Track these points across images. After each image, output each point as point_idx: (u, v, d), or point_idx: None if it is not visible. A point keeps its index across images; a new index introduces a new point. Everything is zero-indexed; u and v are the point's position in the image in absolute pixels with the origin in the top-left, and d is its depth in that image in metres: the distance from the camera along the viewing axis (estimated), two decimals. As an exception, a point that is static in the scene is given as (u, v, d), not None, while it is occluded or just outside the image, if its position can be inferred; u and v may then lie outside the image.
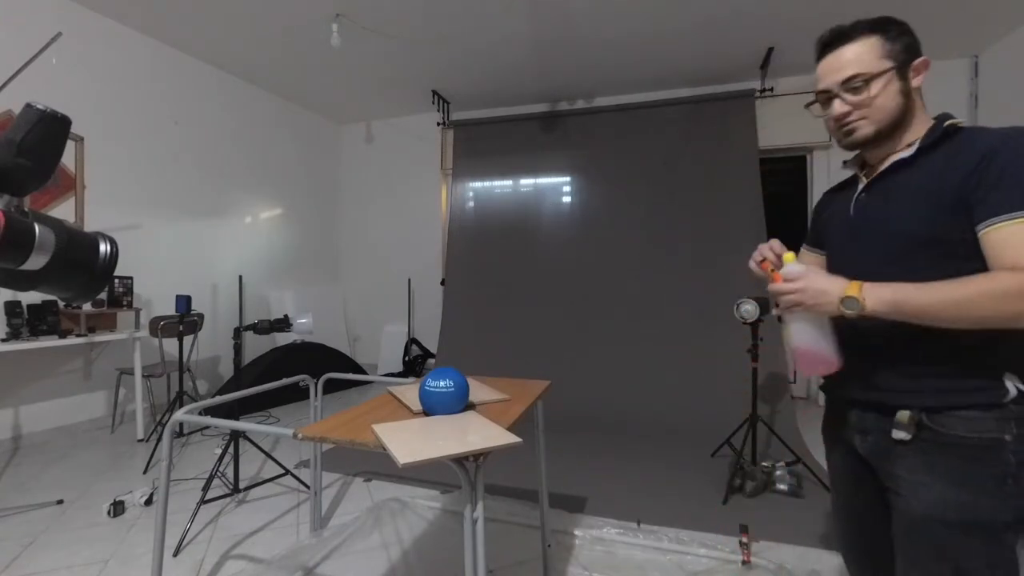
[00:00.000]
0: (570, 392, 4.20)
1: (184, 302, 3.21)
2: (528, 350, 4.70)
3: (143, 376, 3.47)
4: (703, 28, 3.85)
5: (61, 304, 3.21)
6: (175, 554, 2.02)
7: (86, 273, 0.60)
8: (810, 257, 1.18)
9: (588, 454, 3.23)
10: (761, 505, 2.47)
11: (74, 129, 0.56)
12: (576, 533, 2.18)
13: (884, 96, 0.90)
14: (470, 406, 1.36)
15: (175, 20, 3.79)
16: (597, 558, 2.01)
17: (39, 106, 0.53)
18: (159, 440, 3.19)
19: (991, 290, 0.76)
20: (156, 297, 4.02)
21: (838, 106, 0.94)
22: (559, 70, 4.61)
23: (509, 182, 5.32)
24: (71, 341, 3.18)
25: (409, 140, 5.91)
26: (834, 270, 0.99)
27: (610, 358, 4.47)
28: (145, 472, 2.87)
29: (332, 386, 2.40)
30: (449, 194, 5.66)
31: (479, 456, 1.05)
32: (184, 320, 3.21)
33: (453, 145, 5.54)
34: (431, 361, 5.52)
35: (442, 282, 5.48)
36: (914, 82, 0.91)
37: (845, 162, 1.07)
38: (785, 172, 4.76)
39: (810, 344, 0.93)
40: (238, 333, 2.46)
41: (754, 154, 4.48)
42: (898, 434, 0.90)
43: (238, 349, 2.48)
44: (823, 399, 1.15)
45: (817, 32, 0.98)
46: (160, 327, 3.33)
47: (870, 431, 0.97)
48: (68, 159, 3.49)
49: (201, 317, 3.63)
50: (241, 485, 2.48)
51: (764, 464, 2.67)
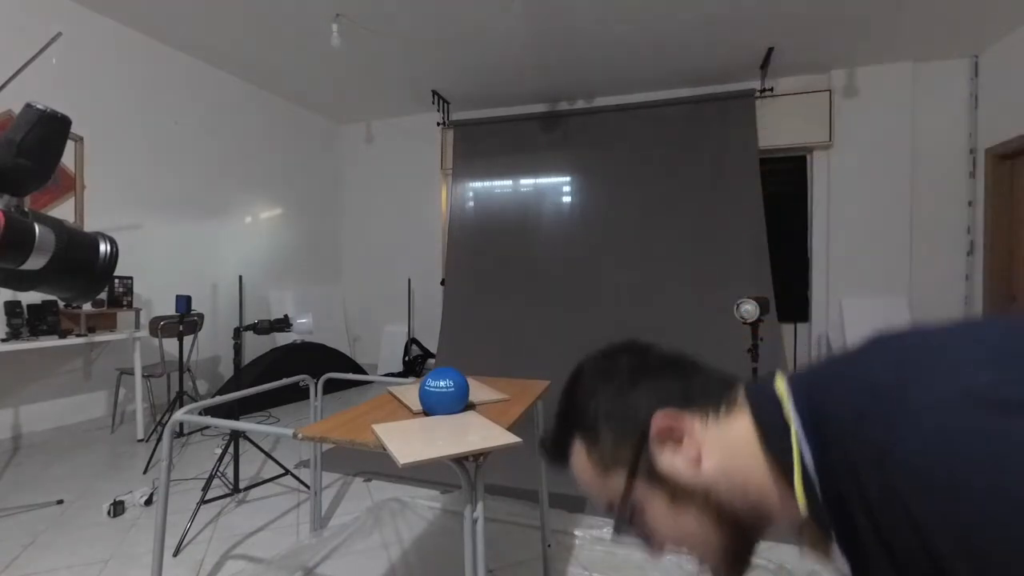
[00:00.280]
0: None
1: (184, 302, 3.21)
2: (528, 350, 4.71)
3: (143, 376, 3.47)
4: (703, 28, 3.85)
5: (61, 304, 3.21)
6: (175, 554, 2.02)
7: (86, 273, 0.59)
8: None
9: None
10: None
11: (74, 129, 0.56)
12: (576, 533, 2.18)
13: (666, 524, 0.57)
14: (470, 406, 1.37)
15: (175, 20, 3.80)
16: (597, 558, 2.01)
17: (39, 106, 0.53)
18: (159, 440, 3.19)
19: None
20: (156, 297, 4.02)
21: (654, 550, 0.59)
22: (559, 70, 4.61)
23: (509, 182, 5.32)
24: (71, 341, 3.18)
25: (409, 140, 5.91)
26: None
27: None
28: (145, 472, 2.87)
29: (332, 386, 2.39)
30: (449, 194, 5.66)
31: (479, 456, 1.05)
32: (184, 320, 3.21)
33: (453, 145, 5.54)
34: (431, 361, 5.52)
35: (442, 282, 5.48)
36: (682, 459, 0.51)
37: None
38: (785, 172, 4.76)
39: None
40: (238, 333, 2.46)
41: (754, 154, 4.48)
42: None
43: (238, 349, 2.48)
44: None
45: (817, 32, 0.87)
46: (160, 327, 3.33)
47: None
48: (68, 159, 3.49)
49: (201, 317, 3.63)
50: (241, 485, 2.48)
51: (764, 464, 2.67)
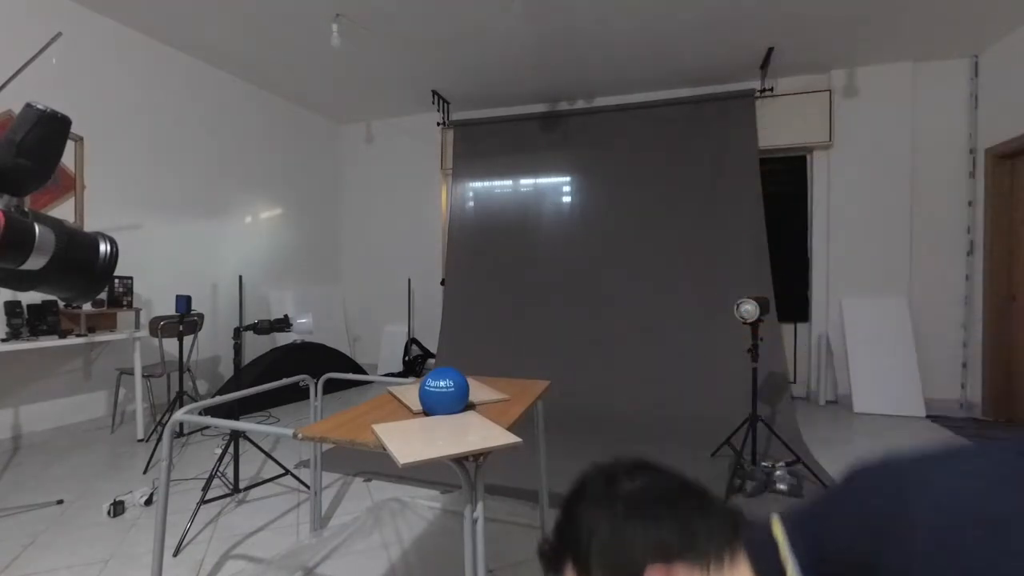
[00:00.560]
0: (570, 392, 4.20)
1: (184, 302, 3.21)
2: (528, 350, 4.71)
3: (143, 376, 3.47)
4: (703, 28, 3.85)
5: (61, 304, 3.21)
6: (175, 554, 2.02)
7: (86, 273, 0.59)
8: None
9: (588, 454, 3.22)
10: (761, 505, 2.47)
11: (74, 129, 0.56)
12: (576, 533, 2.18)
13: None
14: (470, 406, 1.36)
15: (175, 20, 3.79)
16: (597, 558, 2.01)
17: (39, 106, 0.53)
18: (159, 440, 3.19)
19: None
20: (156, 297, 4.02)
21: None
22: (559, 70, 4.61)
23: (509, 182, 5.32)
24: (71, 341, 3.18)
25: (409, 140, 5.91)
26: None
27: (610, 358, 4.47)
28: (145, 472, 2.87)
29: (332, 386, 2.40)
30: (449, 194, 5.66)
31: (479, 456, 1.05)
32: (184, 320, 3.21)
33: (453, 145, 5.54)
34: (431, 361, 5.52)
35: (442, 282, 5.48)
36: None
37: None
38: (785, 172, 4.76)
39: None
40: (238, 333, 2.46)
41: (754, 154, 4.48)
42: None
43: (238, 349, 2.48)
44: (823, 399, 0.97)
45: (817, 32, 0.86)
46: (160, 327, 3.33)
47: None
48: (68, 159, 3.49)
49: (201, 317, 3.63)
50: (241, 485, 2.48)
51: (764, 464, 2.68)
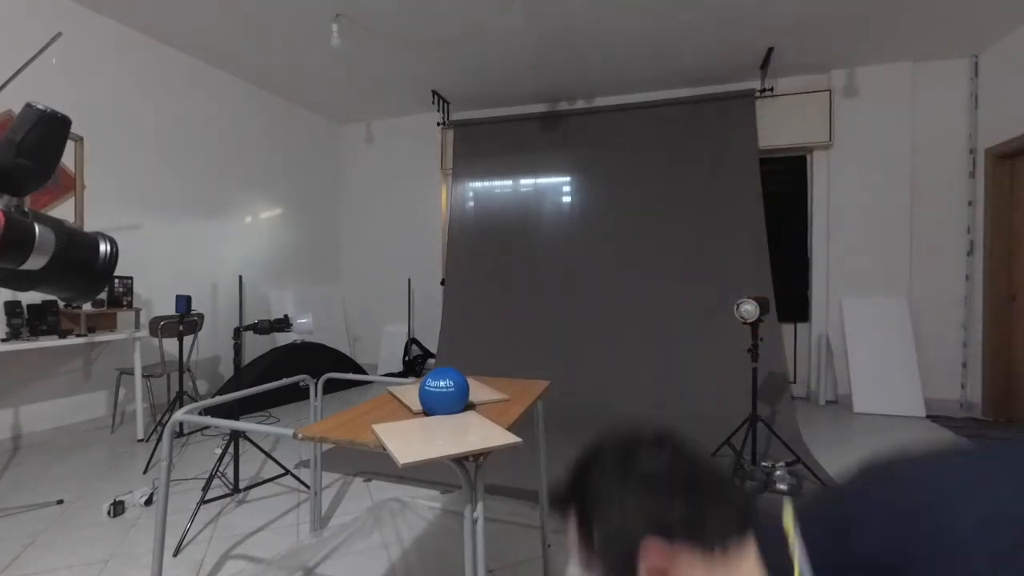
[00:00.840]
0: (570, 392, 4.20)
1: (184, 302, 3.21)
2: (528, 350, 4.71)
3: (143, 376, 3.47)
4: (703, 28, 3.85)
5: (61, 304, 3.21)
6: (175, 554, 2.02)
7: (86, 273, 0.59)
8: None
9: (588, 454, 3.22)
10: (761, 505, 2.47)
11: (74, 129, 0.56)
12: (576, 533, 2.18)
13: None
14: (470, 406, 1.37)
15: (175, 20, 3.79)
16: (597, 558, 2.01)
17: (39, 106, 0.53)
18: (159, 440, 3.19)
19: None
20: (156, 297, 4.02)
21: None
22: (559, 70, 4.61)
23: (509, 182, 5.32)
24: (71, 341, 3.18)
25: (409, 140, 5.91)
26: None
27: (610, 358, 4.47)
28: (145, 472, 2.87)
29: (332, 386, 2.40)
30: (449, 194, 5.66)
31: (479, 456, 1.05)
32: (184, 320, 3.21)
33: (453, 145, 5.54)
34: (431, 361, 5.52)
35: (442, 282, 5.48)
36: None
37: None
38: (785, 172, 4.76)
39: None
40: (238, 333, 2.46)
41: (754, 154, 4.48)
42: None
43: (238, 349, 2.48)
44: (823, 399, 0.93)
45: (817, 32, 0.81)
46: (160, 327, 3.33)
47: None
48: (68, 159, 3.49)
49: (201, 317, 3.63)
50: (241, 485, 2.48)
51: (764, 464, 2.67)
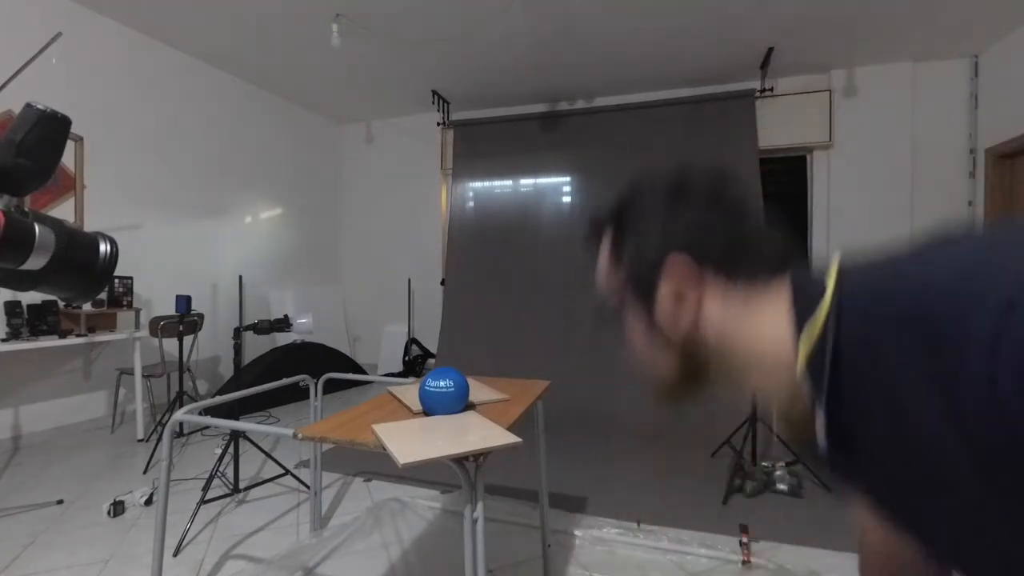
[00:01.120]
0: (570, 392, 4.19)
1: (184, 302, 3.21)
2: (528, 350, 4.70)
3: (143, 376, 3.47)
4: (703, 28, 3.84)
5: (61, 304, 3.21)
6: (175, 554, 2.02)
7: (86, 273, 0.59)
8: None
9: (588, 454, 3.22)
10: (761, 505, 2.47)
11: (74, 129, 0.56)
12: (576, 533, 2.18)
13: (636, 339, 0.61)
14: (470, 406, 1.36)
15: (175, 20, 3.79)
16: (597, 558, 2.01)
17: (39, 106, 0.53)
18: (159, 440, 3.19)
19: None
20: (156, 297, 4.02)
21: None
22: (559, 70, 4.61)
23: (509, 182, 5.32)
24: (71, 341, 3.18)
25: (409, 140, 5.91)
26: None
27: (610, 358, 4.46)
28: (145, 472, 2.87)
29: (332, 386, 2.39)
30: (449, 194, 5.66)
31: (479, 456, 1.05)
32: (184, 320, 3.21)
33: (453, 145, 5.54)
34: (431, 361, 5.52)
35: (442, 282, 5.48)
36: (676, 307, 0.53)
37: None
38: (785, 172, 4.76)
39: None
40: (238, 333, 2.46)
41: (754, 154, 4.48)
42: None
43: (238, 349, 2.48)
44: None
45: (817, 32, 0.82)
46: (160, 327, 3.33)
47: None
48: (68, 159, 3.49)
49: (201, 317, 3.63)
50: (241, 485, 2.48)
51: (764, 464, 2.67)
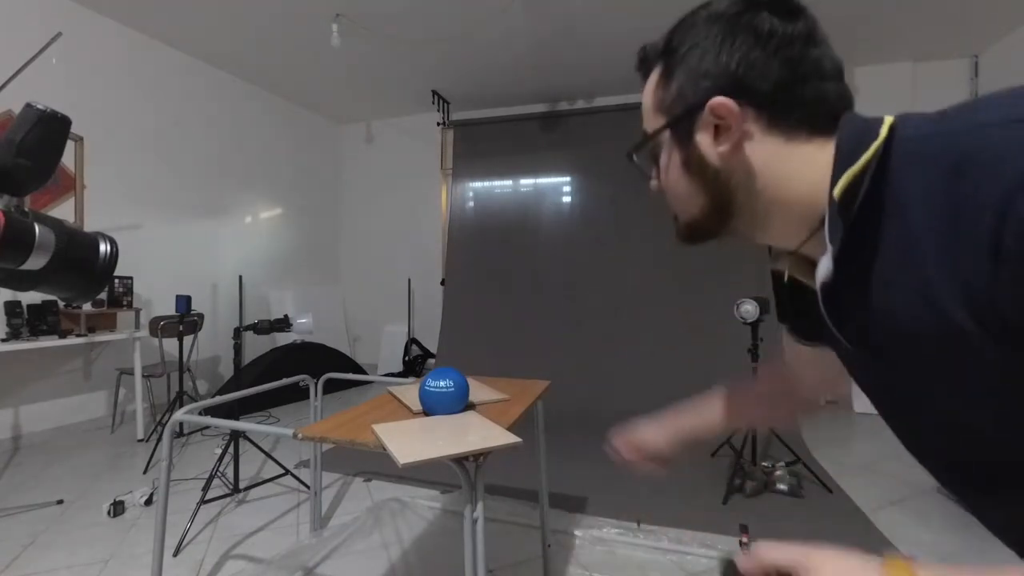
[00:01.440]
0: (570, 392, 4.19)
1: (184, 302, 3.21)
2: (528, 350, 4.70)
3: (143, 376, 3.47)
4: (703, 28, 3.84)
5: (61, 304, 3.21)
6: (175, 554, 2.02)
7: (86, 273, 0.59)
8: (803, 352, 0.68)
9: (588, 454, 3.20)
10: (761, 505, 2.47)
11: (74, 129, 0.56)
12: (576, 533, 2.18)
13: (670, 174, 0.55)
14: (470, 406, 1.36)
15: (175, 20, 3.79)
16: (597, 558, 2.01)
17: (39, 106, 0.53)
18: (159, 440, 3.19)
19: None
20: (156, 297, 4.02)
21: (652, 181, 0.59)
22: (559, 70, 4.61)
23: (509, 182, 5.32)
24: (71, 341, 3.18)
25: (409, 140, 5.91)
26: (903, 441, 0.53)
27: (610, 358, 4.47)
28: (145, 472, 2.87)
29: (332, 386, 2.39)
30: (449, 194, 5.66)
31: (479, 456, 1.05)
32: (184, 320, 3.21)
33: (453, 145, 5.54)
34: (431, 361, 5.52)
35: (442, 282, 5.48)
36: (713, 147, 0.49)
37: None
38: (785, 172, 4.77)
39: None
40: (238, 333, 2.46)
41: (754, 154, 4.48)
42: None
43: (238, 349, 2.48)
44: (823, 399, 0.87)
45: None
46: (160, 327, 3.33)
47: None
48: (68, 159, 3.49)
49: (201, 317, 3.63)
50: (241, 485, 2.48)
51: (764, 464, 2.67)
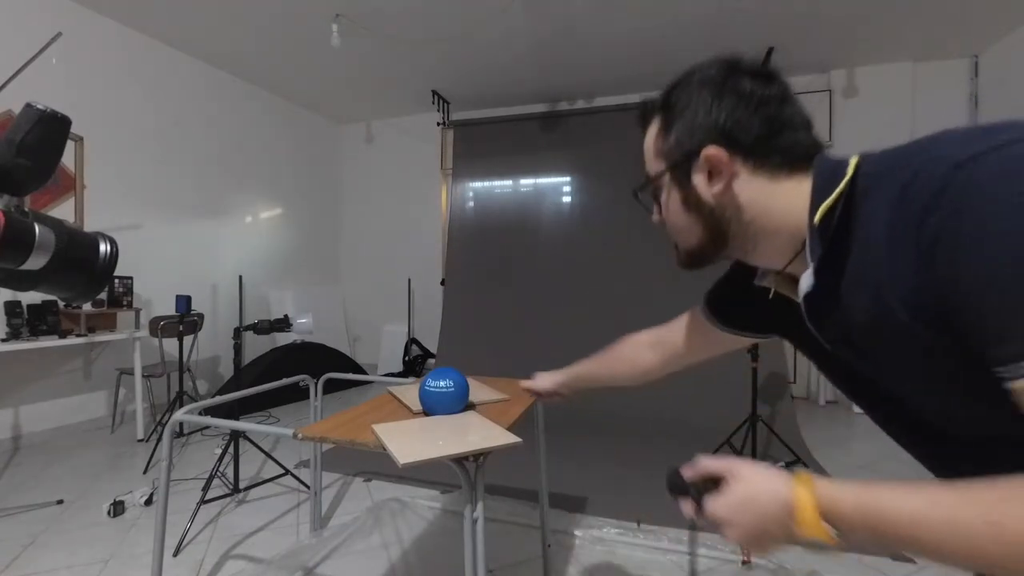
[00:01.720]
0: (570, 392, 4.20)
1: (184, 302, 3.21)
2: (528, 350, 4.70)
3: (143, 376, 3.47)
4: (703, 27, 3.84)
5: (61, 304, 3.21)
6: (175, 554, 2.02)
7: (86, 273, 0.59)
8: (697, 327, 0.88)
9: (588, 454, 3.22)
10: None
11: (74, 129, 0.56)
12: (576, 533, 2.18)
13: (671, 210, 0.66)
14: (470, 406, 1.36)
15: (175, 20, 3.79)
16: (597, 558, 2.01)
17: (39, 106, 0.53)
18: (159, 440, 3.19)
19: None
20: (156, 297, 4.02)
21: (654, 216, 0.70)
22: (559, 70, 4.61)
23: (509, 182, 5.32)
24: (71, 341, 3.18)
25: (409, 140, 5.91)
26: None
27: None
28: (145, 472, 2.87)
29: (332, 386, 2.39)
30: (449, 194, 5.66)
31: (479, 456, 1.05)
32: (184, 320, 3.21)
33: (453, 145, 5.54)
34: (431, 361, 5.52)
35: (442, 282, 5.48)
36: (708, 187, 0.60)
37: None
38: (785, 172, 4.77)
39: None
40: (238, 333, 2.46)
41: (754, 154, 4.48)
42: None
43: (238, 349, 2.48)
44: (823, 399, 0.96)
45: (817, 32, 0.79)
46: (160, 327, 3.33)
47: None
48: (68, 159, 3.49)
49: (201, 317, 3.63)
50: (241, 485, 2.48)
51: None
